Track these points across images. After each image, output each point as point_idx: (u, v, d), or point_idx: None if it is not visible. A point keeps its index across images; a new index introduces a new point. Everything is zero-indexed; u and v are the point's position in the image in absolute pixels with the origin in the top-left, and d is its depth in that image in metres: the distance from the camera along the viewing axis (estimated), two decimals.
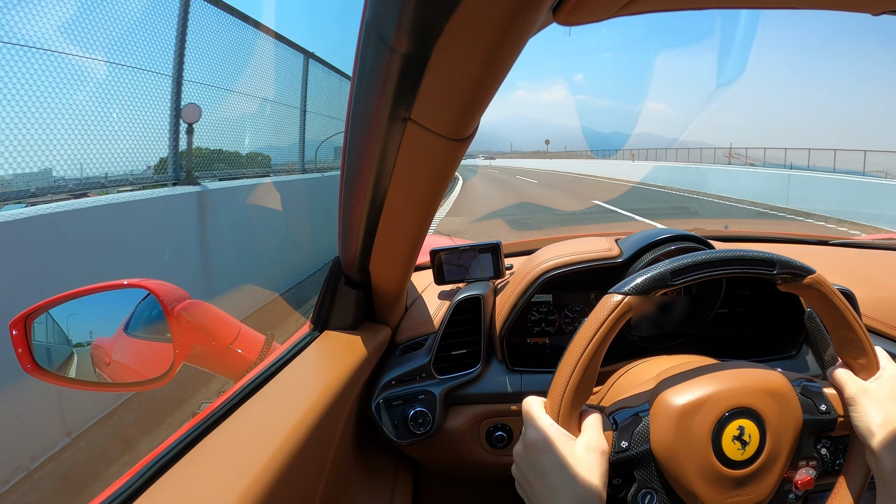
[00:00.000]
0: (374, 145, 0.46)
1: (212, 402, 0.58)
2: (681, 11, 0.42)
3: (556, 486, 0.47)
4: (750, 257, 0.54)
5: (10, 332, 0.68)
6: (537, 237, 1.29)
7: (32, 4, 2.51)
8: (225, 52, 4.17)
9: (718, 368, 0.56)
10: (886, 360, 0.57)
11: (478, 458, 0.84)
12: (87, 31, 2.86)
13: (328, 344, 0.74)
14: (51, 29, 2.65)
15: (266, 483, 0.45)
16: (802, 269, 0.54)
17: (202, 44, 3.85)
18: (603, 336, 0.50)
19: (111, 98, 3.15)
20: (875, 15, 0.40)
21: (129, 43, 3.19)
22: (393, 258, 0.69)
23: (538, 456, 0.50)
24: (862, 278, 1.03)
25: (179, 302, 0.71)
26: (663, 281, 0.52)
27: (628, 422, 0.54)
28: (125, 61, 3.18)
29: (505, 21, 0.32)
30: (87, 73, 2.97)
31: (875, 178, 12.95)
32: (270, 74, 5.24)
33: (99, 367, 0.76)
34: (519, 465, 0.53)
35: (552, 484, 0.48)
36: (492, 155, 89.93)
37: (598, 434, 0.51)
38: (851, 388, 0.55)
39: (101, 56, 3.00)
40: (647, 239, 0.84)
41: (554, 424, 0.51)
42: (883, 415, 0.53)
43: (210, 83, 4.02)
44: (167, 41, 3.52)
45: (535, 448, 0.50)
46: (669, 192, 15.42)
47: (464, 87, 0.39)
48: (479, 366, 0.82)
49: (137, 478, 0.45)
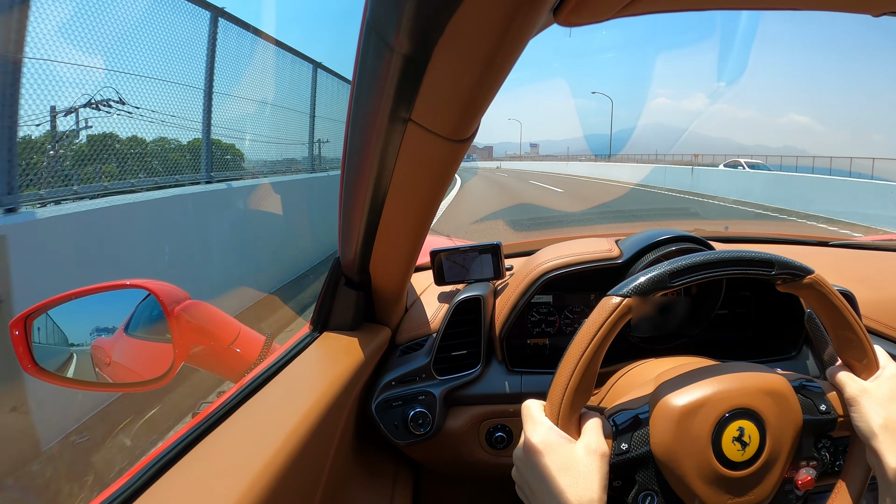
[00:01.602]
0: (375, 146, 0.46)
1: (212, 403, 0.58)
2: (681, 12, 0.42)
3: (556, 489, 0.47)
4: (748, 258, 0.54)
5: (11, 332, 0.68)
6: (537, 238, 1.29)
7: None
8: (238, 64, 4.54)
9: (718, 369, 0.56)
10: (886, 360, 0.57)
11: (478, 459, 0.84)
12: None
13: (328, 344, 0.74)
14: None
15: (266, 483, 0.45)
16: (801, 269, 0.54)
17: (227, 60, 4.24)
18: (602, 338, 0.50)
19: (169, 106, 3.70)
20: (875, 16, 0.40)
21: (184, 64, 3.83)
22: (393, 259, 0.69)
23: (538, 459, 0.49)
24: (862, 279, 1.03)
25: (179, 302, 0.71)
26: (662, 283, 0.52)
27: (628, 424, 0.54)
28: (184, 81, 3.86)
29: (505, 22, 0.32)
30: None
31: (860, 178, 13.11)
32: (275, 81, 5.56)
33: (99, 367, 0.76)
34: (519, 468, 0.53)
35: (553, 487, 0.48)
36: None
37: (598, 436, 0.51)
38: (851, 388, 0.55)
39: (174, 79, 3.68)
40: (647, 240, 0.84)
41: (554, 427, 0.51)
42: (884, 414, 0.52)
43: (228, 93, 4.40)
44: (198, 58, 3.93)
45: (536, 451, 0.50)
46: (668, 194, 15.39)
47: (464, 88, 0.39)
48: (479, 366, 0.82)
49: (137, 478, 0.45)
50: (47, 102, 2.67)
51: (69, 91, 2.92)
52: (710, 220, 10.13)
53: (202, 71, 3.97)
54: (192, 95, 3.94)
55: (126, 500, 0.43)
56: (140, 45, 3.34)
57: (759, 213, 10.84)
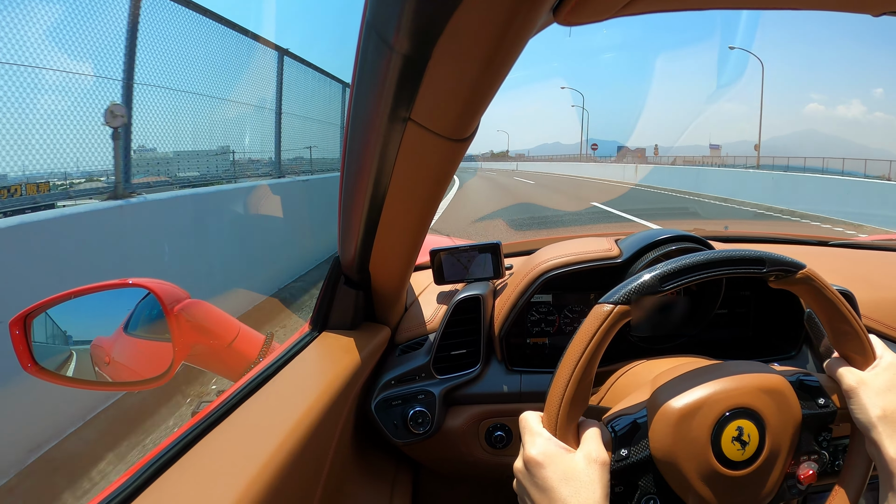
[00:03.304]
0: (374, 145, 0.46)
1: (211, 402, 0.58)
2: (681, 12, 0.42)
3: (559, 499, 0.47)
4: (738, 257, 0.53)
5: (11, 331, 0.68)
6: (537, 237, 1.29)
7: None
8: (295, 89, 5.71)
9: (714, 369, 0.56)
10: (883, 349, 0.57)
11: (477, 458, 0.84)
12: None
13: (328, 344, 0.74)
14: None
15: (265, 483, 0.45)
16: (792, 264, 0.54)
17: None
18: (595, 346, 0.50)
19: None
20: (875, 16, 0.41)
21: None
22: (393, 258, 0.69)
23: (539, 471, 0.49)
24: (861, 279, 1.03)
25: (179, 301, 0.71)
26: (652, 288, 0.51)
27: (627, 430, 0.54)
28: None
29: (505, 21, 0.32)
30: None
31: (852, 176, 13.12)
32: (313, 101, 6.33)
33: (98, 366, 0.76)
34: (520, 480, 0.53)
35: (555, 498, 0.48)
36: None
37: (597, 445, 0.51)
38: (849, 380, 0.55)
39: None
40: (646, 239, 0.84)
41: (552, 438, 0.51)
42: (882, 404, 0.52)
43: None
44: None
45: (536, 463, 0.50)
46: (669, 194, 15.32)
47: (464, 87, 0.39)
48: (478, 366, 0.82)
49: (137, 477, 0.45)
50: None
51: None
52: (710, 220, 10.15)
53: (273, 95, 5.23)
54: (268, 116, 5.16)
55: (126, 498, 0.43)
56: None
57: (759, 212, 10.88)
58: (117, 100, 3.06)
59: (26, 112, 2.59)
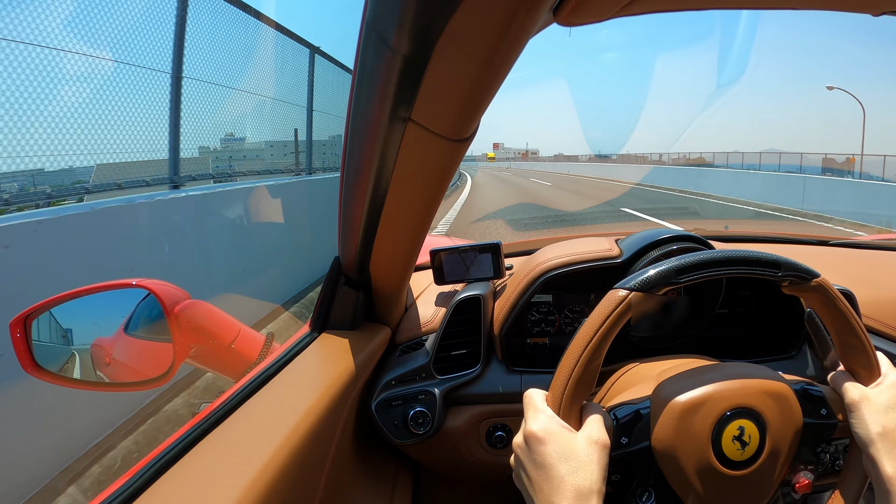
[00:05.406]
0: (375, 145, 0.46)
1: (212, 402, 0.58)
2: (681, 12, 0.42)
3: (555, 477, 0.47)
4: (755, 258, 0.53)
5: (12, 332, 0.68)
6: (537, 237, 1.29)
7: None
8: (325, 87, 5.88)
9: (720, 368, 0.56)
10: (888, 367, 0.57)
11: (478, 459, 0.84)
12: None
13: (328, 344, 0.74)
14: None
15: (266, 483, 0.45)
16: (808, 272, 0.54)
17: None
18: (607, 330, 0.50)
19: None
20: (875, 15, 0.40)
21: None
22: (393, 258, 0.69)
23: (538, 447, 0.49)
24: (862, 278, 1.03)
25: (179, 302, 0.71)
26: (668, 278, 0.51)
27: (629, 418, 0.54)
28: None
29: (505, 21, 0.32)
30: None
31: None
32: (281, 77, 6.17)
33: (99, 366, 0.76)
34: (518, 455, 0.52)
35: (552, 475, 0.47)
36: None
37: (599, 427, 0.50)
38: (852, 394, 0.55)
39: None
40: (647, 239, 0.84)
41: (555, 417, 0.51)
42: (882, 422, 0.52)
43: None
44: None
45: (536, 439, 0.50)
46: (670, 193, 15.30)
47: (464, 88, 0.39)
48: (478, 366, 0.82)
49: (137, 477, 0.45)
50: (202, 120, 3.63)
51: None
52: (711, 220, 10.14)
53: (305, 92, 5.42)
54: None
55: (126, 499, 0.43)
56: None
57: (760, 212, 10.88)
58: (165, 93, 3.30)
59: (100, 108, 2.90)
